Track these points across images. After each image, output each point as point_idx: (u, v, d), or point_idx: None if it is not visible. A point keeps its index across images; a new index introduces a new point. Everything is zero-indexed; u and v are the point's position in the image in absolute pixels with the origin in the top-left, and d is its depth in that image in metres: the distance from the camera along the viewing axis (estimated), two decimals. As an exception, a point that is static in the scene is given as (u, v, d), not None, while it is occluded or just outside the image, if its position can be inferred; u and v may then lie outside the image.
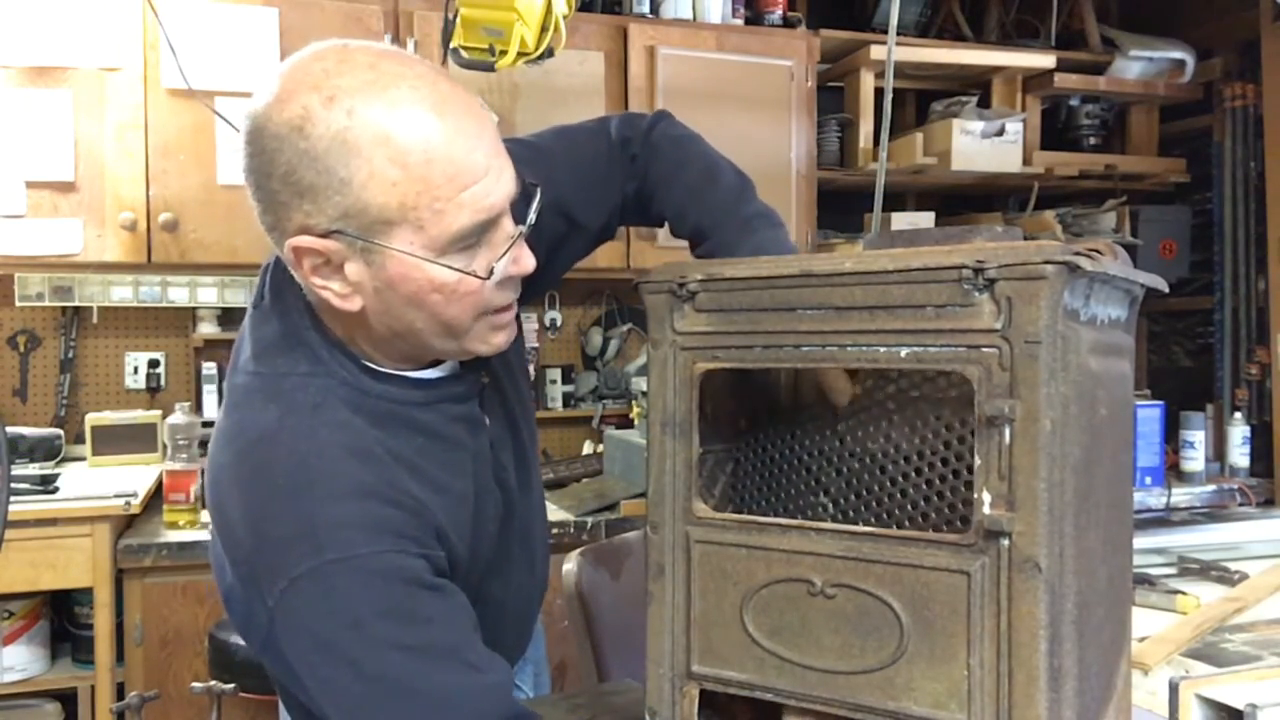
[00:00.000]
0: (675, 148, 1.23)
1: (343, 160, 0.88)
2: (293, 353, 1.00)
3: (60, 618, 2.57)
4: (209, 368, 3.00)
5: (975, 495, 0.78)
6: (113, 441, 2.83)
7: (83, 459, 2.84)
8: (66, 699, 2.50)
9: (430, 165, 0.89)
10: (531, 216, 0.98)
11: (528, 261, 0.98)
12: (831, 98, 3.32)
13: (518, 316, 1.20)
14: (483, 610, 1.11)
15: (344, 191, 0.89)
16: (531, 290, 1.24)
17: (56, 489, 2.42)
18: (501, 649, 1.14)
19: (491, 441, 1.11)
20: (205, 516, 1.07)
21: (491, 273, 0.95)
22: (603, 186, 1.23)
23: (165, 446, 2.72)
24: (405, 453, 0.99)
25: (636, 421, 3.02)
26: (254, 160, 0.92)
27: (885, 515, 0.89)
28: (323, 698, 0.95)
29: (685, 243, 1.22)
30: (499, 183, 0.93)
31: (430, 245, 0.91)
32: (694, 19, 3.02)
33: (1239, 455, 3.10)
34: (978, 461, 0.78)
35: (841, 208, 3.41)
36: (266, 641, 0.97)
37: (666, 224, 1.23)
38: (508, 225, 0.96)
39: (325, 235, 0.91)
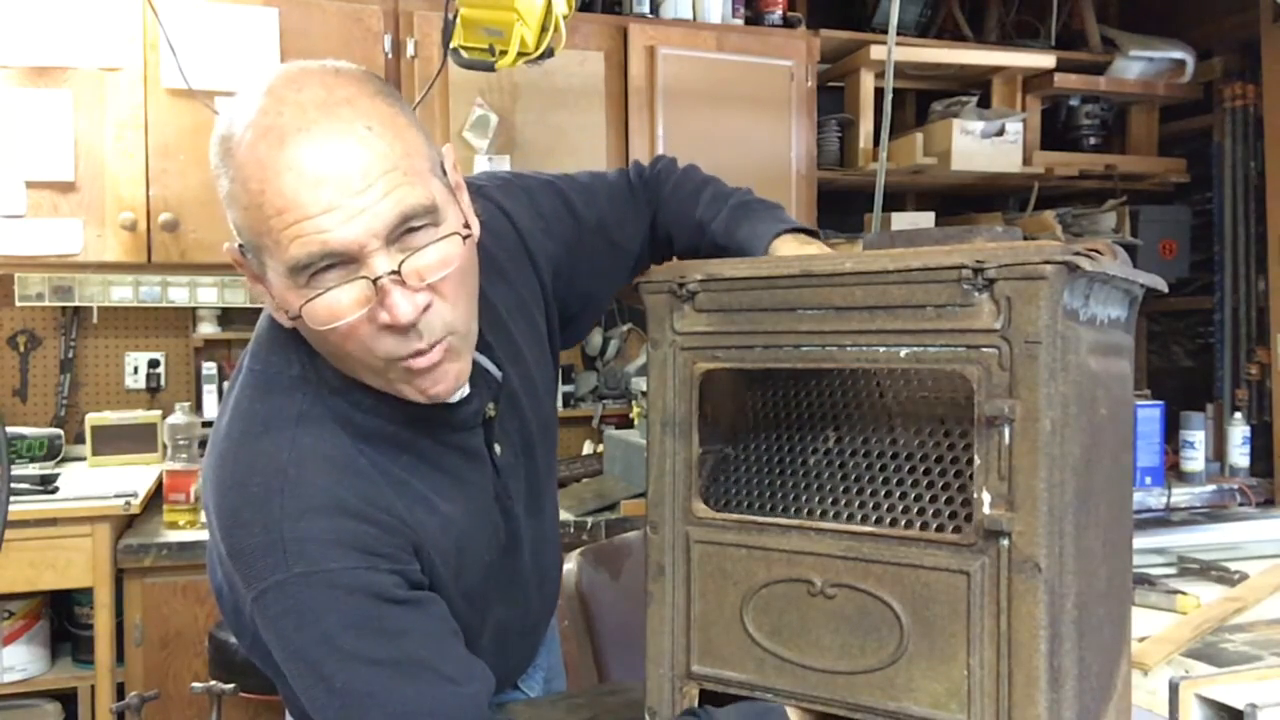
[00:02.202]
0: (676, 169, 1.30)
1: (223, 179, 0.91)
2: (286, 352, 0.99)
3: (60, 618, 2.56)
4: (209, 368, 3.00)
5: (975, 495, 0.78)
6: (113, 441, 2.83)
7: (83, 459, 2.83)
8: (66, 699, 2.50)
9: (263, 194, 0.87)
10: (413, 262, 0.89)
11: (397, 312, 0.89)
12: (831, 98, 3.32)
13: (551, 330, 1.21)
14: (487, 633, 1.11)
15: (229, 208, 0.92)
16: (586, 318, 1.30)
17: (56, 489, 2.42)
18: (507, 665, 1.14)
19: (499, 469, 1.09)
20: (204, 517, 1.07)
21: (339, 316, 0.89)
22: (633, 212, 1.27)
23: (165, 446, 2.72)
24: (392, 468, 0.98)
25: (636, 421, 3.02)
26: None
27: (885, 515, 0.89)
28: (305, 702, 0.96)
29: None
30: (348, 223, 0.87)
31: (283, 272, 0.90)
32: (694, 19, 3.02)
33: (1239, 455, 3.09)
34: (978, 461, 0.78)
35: (841, 208, 3.41)
36: (255, 641, 0.99)
37: (674, 244, 1.27)
38: (376, 268, 0.88)
39: (240, 248, 0.95)
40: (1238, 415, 3.16)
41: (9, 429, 2.74)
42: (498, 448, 1.09)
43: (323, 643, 0.92)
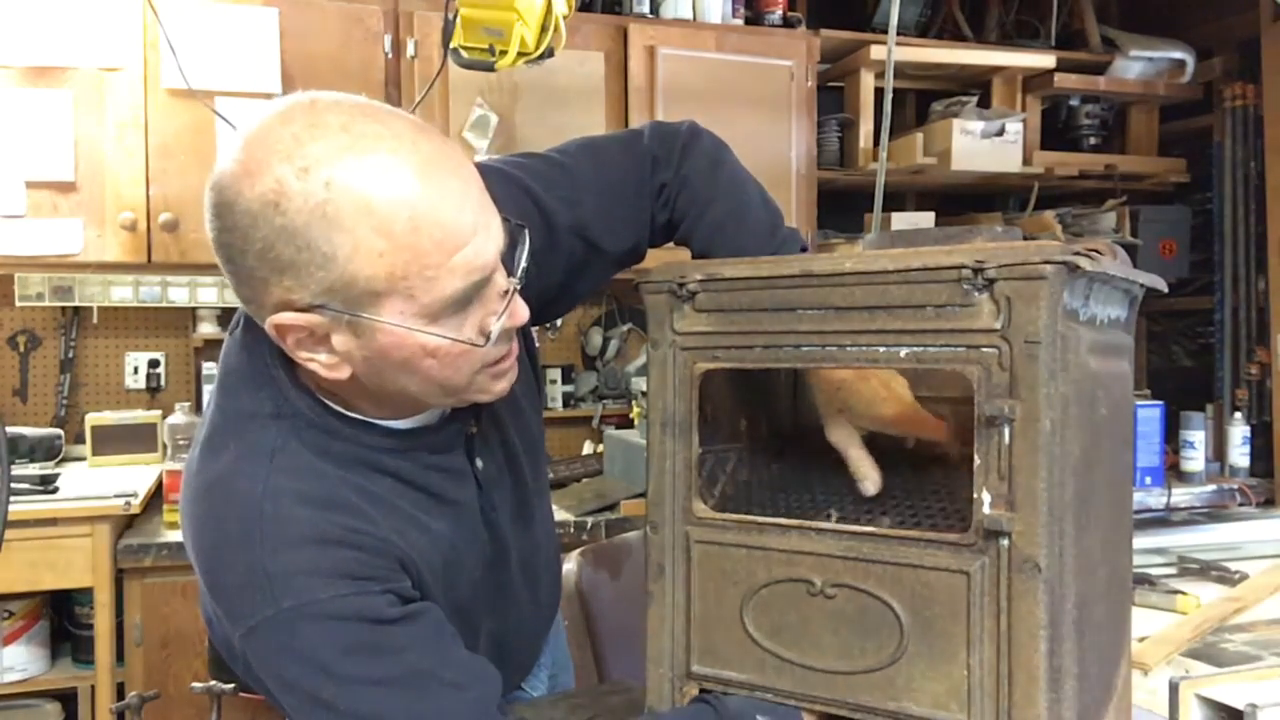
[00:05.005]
0: (706, 181, 1.17)
1: (324, 235, 0.83)
2: (258, 391, 0.97)
3: (60, 618, 2.57)
4: (209, 368, 3.00)
5: (975, 495, 0.78)
6: (113, 441, 2.83)
7: (83, 459, 2.84)
8: (66, 699, 2.50)
9: (417, 233, 0.83)
10: (521, 265, 0.93)
11: (522, 314, 0.93)
12: (831, 98, 3.32)
13: (529, 342, 1.17)
14: (481, 644, 1.10)
15: (327, 266, 0.84)
16: (551, 313, 1.23)
17: (56, 489, 2.42)
18: (506, 673, 1.14)
19: (481, 483, 1.08)
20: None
21: (488, 336, 0.90)
22: (631, 211, 1.17)
23: (165, 446, 2.73)
24: (376, 490, 0.97)
25: (636, 421, 3.02)
26: (225, 235, 0.86)
27: (884, 515, 0.89)
28: None
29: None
30: (489, 239, 0.88)
31: (422, 313, 0.87)
32: (694, 19, 3.02)
33: (1239, 455, 3.09)
34: (978, 461, 0.78)
35: (841, 208, 3.41)
36: (248, 669, 0.98)
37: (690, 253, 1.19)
38: (500, 280, 0.91)
39: (308, 309, 0.87)
40: (1238, 415, 3.16)
41: (9, 429, 2.74)
42: (479, 461, 1.07)
43: (320, 672, 0.90)
